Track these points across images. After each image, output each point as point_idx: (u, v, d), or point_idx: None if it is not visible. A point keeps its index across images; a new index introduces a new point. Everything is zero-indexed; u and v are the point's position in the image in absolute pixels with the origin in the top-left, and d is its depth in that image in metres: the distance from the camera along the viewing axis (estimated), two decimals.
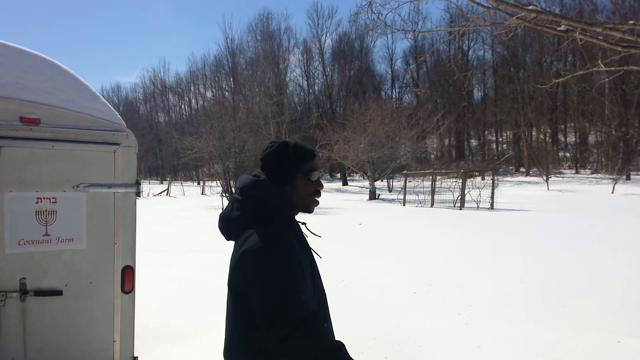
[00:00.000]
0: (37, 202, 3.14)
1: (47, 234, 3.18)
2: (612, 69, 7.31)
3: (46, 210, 3.17)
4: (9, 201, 3.05)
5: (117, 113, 3.53)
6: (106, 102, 3.50)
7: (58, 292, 3.22)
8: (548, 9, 6.30)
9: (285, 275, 1.71)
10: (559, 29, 6.07)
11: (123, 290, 3.48)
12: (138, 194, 3.53)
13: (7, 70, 3.07)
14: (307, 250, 1.96)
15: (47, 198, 3.17)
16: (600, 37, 6.04)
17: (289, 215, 1.92)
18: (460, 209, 23.65)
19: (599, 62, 6.67)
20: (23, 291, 3.10)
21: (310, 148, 1.97)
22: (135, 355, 3.62)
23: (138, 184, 3.51)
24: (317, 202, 1.98)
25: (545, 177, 39.28)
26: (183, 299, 7.18)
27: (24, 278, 3.11)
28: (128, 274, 3.49)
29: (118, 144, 3.41)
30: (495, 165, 43.29)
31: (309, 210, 1.96)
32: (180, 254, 11.29)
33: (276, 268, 1.71)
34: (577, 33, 5.77)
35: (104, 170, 3.37)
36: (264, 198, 1.85)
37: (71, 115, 3.25)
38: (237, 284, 1.81)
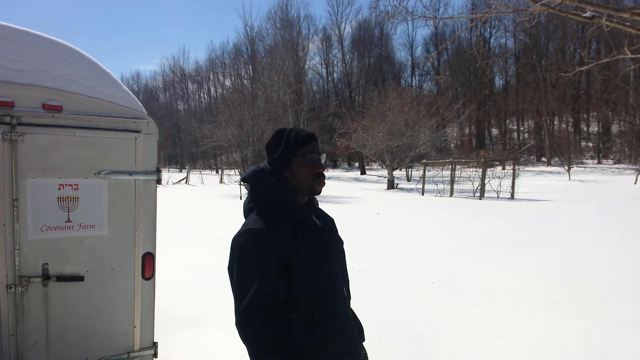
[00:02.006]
0: (59, 189, 3.18)
1: (69, 220, 3.21)
2: (639, 56, 7.12)
3: (68, 197, 3.21)
4: (32, 187, 3.08)
5: (138, 100, 3.54)
6: (127, 89, 3.51)
7: (80, 278, 3.26)
8: None
9: (252, 263, 1.79)
10: (584, 15, 5.92)
11: (143, 277, 3.51)
12: (159, 181, 3.55)
13: (29, 57, 3.09)
14: (316, 238, 1.93)
15: (69, 185, 3.21)
16: (628, 23, 5.89)
17: (288, 203, 1.92)
18: (480, 199, 23.44)
19: (625, 49, 6.51)
20: (45, 276, 3.14)
21: (307, 132, 1.97)
22: (155, 341, 3.66)
23: (159, 171, 3.53)
24: (322, 184, 1.98)
25: (567, 167, 38.73)
26: (202, 286, 7.25)
27: (47, 264, 3.16)
28: (148, 261, 3.52)
29: (139, 132, 3.42)
30: (516, 154, 42.73)
31: (314, 192, 1.98)
32: (199, 241, 11.39)
33: (246, 255, 1.80)
34: (604, 19, 5.63)
35: (125, 157, 3.39)
36: (261, 187, 1.94)
37: (93, 103, 3.27)
38: (229, 266, 1.90)
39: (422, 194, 26.66)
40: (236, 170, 31.45)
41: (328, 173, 53.88)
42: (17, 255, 3.05)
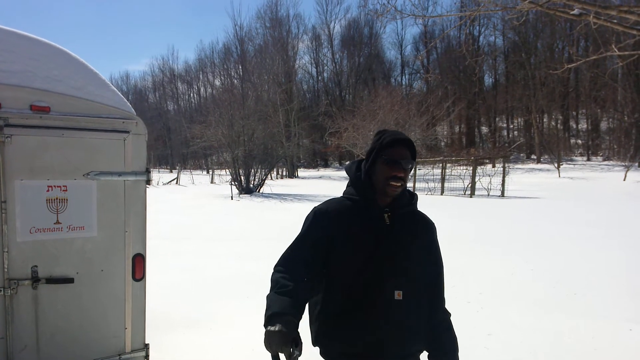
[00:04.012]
0: (48, 190, 3.15)
1: (58, 222, 3.19)
2: (626, 53, 7.17)
3: (57, 199, 3.18)
4: (20, 189, 3.06)
5: (126, 101, 3.52)
6: (116, 90, 3.49)
7: (69, 280, 3.24)
8: None
9: (301, 233, 2.10)
10: (572, 12, 5.96)
11: (134, 278, 3.49)
12: (148, 182, 3.53)
13: (17, 58, 3.06)
14: (375, 236, 2.04)
15: (57, 186, 3.18)
16: (615, 21, 5.94)
17: (362, 195, 2.10)
18: (471, 197, 23.55)
19: (613, 46, 6.56)
20: (35, 279, 3.12)
21: (396, 137, 2.08)
22: (146, 342, 3.64)
23: (148, 172, 3.51)
24: (393, 187, 2.04)
25: (556, 165, 38.98)
26: (193, 287, 7.22)
27: (36, 266, 3.13)
28: (139, 262, 3.50)
29: (128, 132, 3.40)
30: (506, 152, 42.99)
31: (384, 193, 2.07)
32: (190, 242, 11.34)
33: (303, 226, 2.12)
34: (591, 16, 5.66)
35: (114, 158, 3.37)
36: (350, 178, 2.20)
37: (81, 103, 3.24)
38: None
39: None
40: (227, 170, 31.29)
41: (319, 172, 53.91)
42: (5, 257, 3.02)
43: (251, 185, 27.96)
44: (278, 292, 1.89)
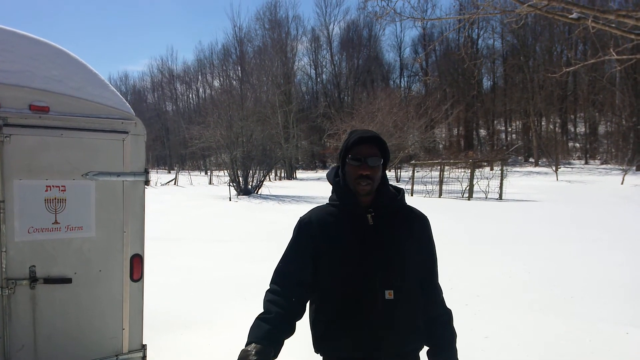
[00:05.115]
0: (46, 190, 3.15)
1: (56, 222, 3.19)
2: (624, 57, 7.20)
3: (55, 199, 3.18)
4: (19, 189, 3.06)
5: (125, 101, 3.52)
6: (115, 90, 3.49)
7: (67, 280, 3.24)
8: None
9: (289, 245, 2.11)
10: (570, 16, 5.99)
11: (132, 279, 3.49)
12: (147, 182, 3.53)
13: (17, 58, 3.06)
14: (360, 236, 2.01)
15: (56, 186, 3.18)
16: (613, 25, 5.96)
17: (342, 199, 2.08)
18: (469, 200, 23.56)
19: (611, 50, 6.58)
20: (33, 279, 3.11)
21: (361, 135, 2.03)
22: (144, 343, 3.64)
23: (147, 172, 3.51)
24: (362, 185, 2.00)
25: (554, 168, 39.02)
26: (191, 288, 7.21)
27: (34, 266, 3.13)
28: (137, 262, 3.50)
29: (127, 133, 3.40)
30: (504, 155, 43.01)
31: (357, 192, 2.04)
32: (188, 243, 11.33)
33: (291, 237, 2.12)
34: (589, 21, 5.69)
35: (113, 158, 3.37)
36: (331, 184, 2.16)
37: (80, 103, 3.24)
38: None
39: (412, 195, 26.73)
40: (225, 171, 31.30)
41: (317, 174, 53.89)
42: (3, 257, 3.02)
43: (249, 187, 27.95)
44: (260, 319, 1.94)
